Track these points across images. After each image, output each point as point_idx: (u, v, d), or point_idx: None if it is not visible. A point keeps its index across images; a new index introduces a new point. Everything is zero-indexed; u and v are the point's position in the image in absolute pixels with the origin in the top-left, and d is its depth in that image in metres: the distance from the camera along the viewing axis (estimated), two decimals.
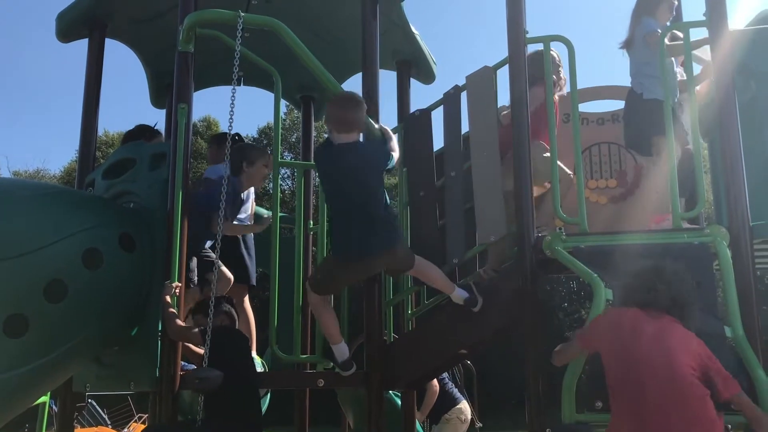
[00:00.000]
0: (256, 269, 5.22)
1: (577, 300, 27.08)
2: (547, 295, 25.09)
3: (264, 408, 5.83)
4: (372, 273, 3.99)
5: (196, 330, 3.65)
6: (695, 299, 3.08)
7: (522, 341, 3.84)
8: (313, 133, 6.69)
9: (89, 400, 16.15)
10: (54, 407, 8.36)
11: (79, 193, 4.60)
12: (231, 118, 3.86)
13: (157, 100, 6.08)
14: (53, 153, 63.24)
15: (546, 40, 4.19)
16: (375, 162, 3.85)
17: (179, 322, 3.70)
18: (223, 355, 3.57)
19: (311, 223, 5.64)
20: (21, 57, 54.81)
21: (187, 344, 3.85)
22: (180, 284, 3.82)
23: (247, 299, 4.73)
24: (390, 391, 5.29)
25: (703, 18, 3.99)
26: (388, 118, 4.77)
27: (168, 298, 3.73)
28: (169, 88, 5.67)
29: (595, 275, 3.43)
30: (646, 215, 4.50)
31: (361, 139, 3.94)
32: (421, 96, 8.24)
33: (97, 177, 4.52)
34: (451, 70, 20.31)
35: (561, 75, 4.57)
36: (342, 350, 3.96)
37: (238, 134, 5.10)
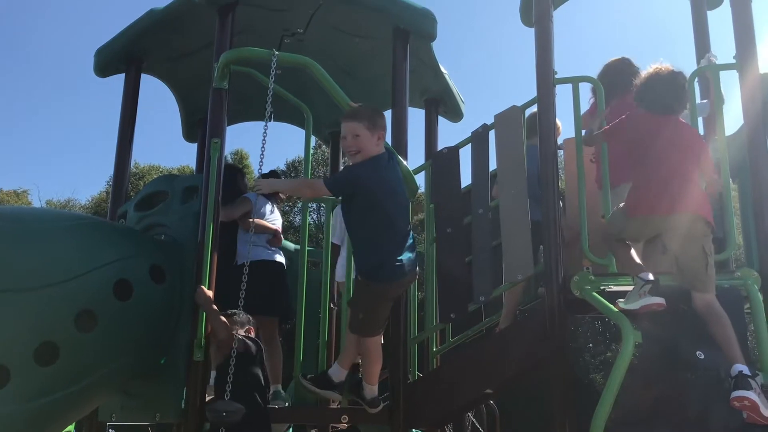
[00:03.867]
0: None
1: (602, 341, 26.64)
2: (571, 335, 24.73)
3: None
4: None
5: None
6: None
7: (546, 382, 3.80)
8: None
9: (110, 431, 16.13)
10: None
11: (111, 224, 4.67)
12: (262, 154, 3.91)
13: (189, 134, 6.21)
14: (81, 183, 64.20)
15: (575, 81, 4.22)
16: None
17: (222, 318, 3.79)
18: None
19: None
20: (52, 88, 56.08)
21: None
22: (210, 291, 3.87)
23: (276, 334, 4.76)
24: (414, 430, 5.24)
25: (734, 61, 4.01)
26: (416, 155, 4.82)
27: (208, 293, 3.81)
28: (201, 122, 5.79)
29: (625, 317, 3.40)
30: None
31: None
32: (449, 134, 8.29)
33: (129, 209, 4.60)
34: (478, 108, 20.47)
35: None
36: (374, 390, 3.93)
37: (273, 171, 5.34)
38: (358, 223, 3.79)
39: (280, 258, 4.80)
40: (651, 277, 3.51)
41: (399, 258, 3.67)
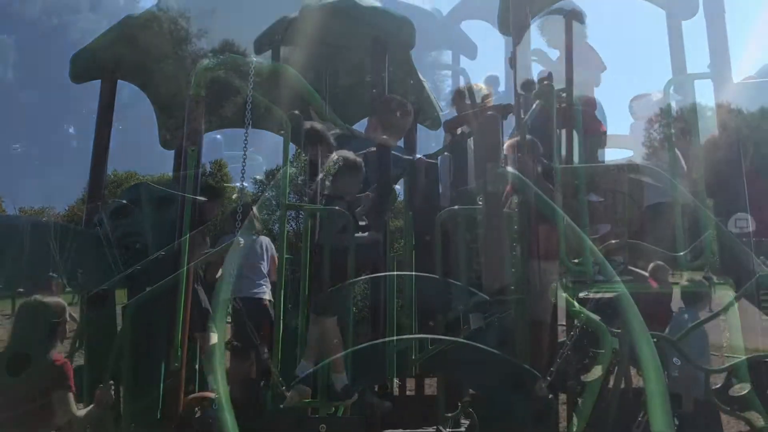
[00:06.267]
0: None
1: (580, 347, 26.80)
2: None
3: None
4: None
5: None
6: None
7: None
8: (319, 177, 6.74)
9: None
10: None
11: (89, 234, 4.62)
12: (244, 162, 3.91)
13: (166, 141, 6.15)
14: (58, 191, 63.34)
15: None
16: None
17: None
18: None
19: None
20: (28, 93, 55.37)
21: None
22: None
23: None
24: None
25: (708, 70, 4.06)
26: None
27: None
28: (178, 129, 5.74)
29: (603, 324, 3.41)
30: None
31: None
32: (428, 141, 8.29)
33: (104, 216, 4.54)
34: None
35: None
36: (343, 379, 3.92)
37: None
38: None
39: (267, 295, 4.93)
40: None
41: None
